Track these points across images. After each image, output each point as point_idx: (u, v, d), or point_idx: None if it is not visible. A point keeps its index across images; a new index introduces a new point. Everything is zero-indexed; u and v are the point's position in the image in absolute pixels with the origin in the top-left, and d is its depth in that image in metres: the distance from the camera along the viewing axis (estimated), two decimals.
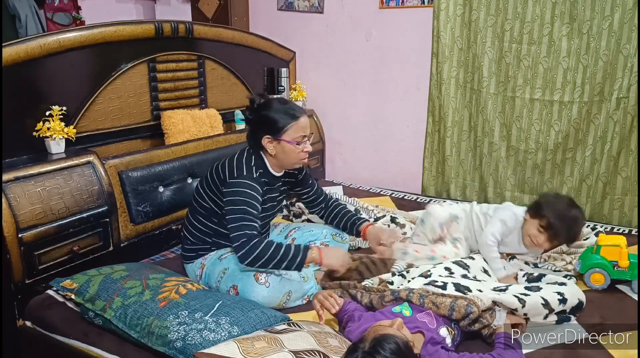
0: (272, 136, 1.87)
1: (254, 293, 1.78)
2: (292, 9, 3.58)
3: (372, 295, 1.73)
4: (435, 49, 3.05)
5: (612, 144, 2.70)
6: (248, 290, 1.79)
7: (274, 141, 1.88)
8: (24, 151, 2.06)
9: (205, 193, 1.96)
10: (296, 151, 1.89)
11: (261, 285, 1.79)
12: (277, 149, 1.89)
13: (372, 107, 3.44)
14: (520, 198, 2.98)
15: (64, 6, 3.44)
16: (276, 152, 1.90)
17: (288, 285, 1.84)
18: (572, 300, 1.70)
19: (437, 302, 1.60)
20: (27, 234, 1.85)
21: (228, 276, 1.87)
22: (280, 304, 1.81)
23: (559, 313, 1.68)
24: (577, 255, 2.12)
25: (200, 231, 2.00)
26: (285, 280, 1.84)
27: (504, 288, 1.75)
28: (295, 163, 1.95)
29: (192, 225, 2.02)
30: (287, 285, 1.84)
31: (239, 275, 1.84)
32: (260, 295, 1.77)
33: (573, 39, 2.69)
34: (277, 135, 1.87)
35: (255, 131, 1.92)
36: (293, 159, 1.92)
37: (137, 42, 2.44)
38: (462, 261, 1.93)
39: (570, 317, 1.71)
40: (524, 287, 1.76)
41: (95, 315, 1.71)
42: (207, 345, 1.47)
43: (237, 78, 3.07)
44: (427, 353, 1.44)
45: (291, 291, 1.84)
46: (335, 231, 2.23)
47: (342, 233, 2.24)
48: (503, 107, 2.93)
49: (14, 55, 1.97)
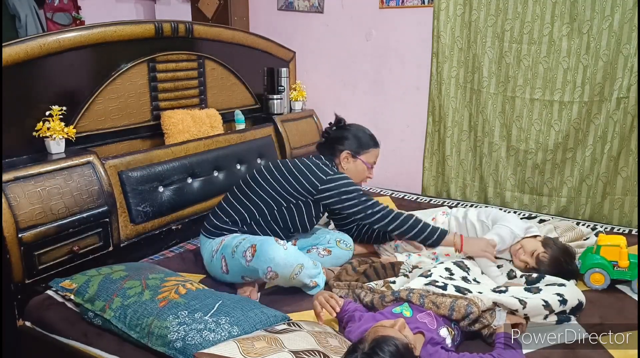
0: (352, 152, 2.12)
1: (272, 250, 1.82)
2: (292, 9, 3.58)
3: (374, 295, 1.73)
4: (435, 49, 3.05)
5: (612, 144, 2.70)
6: (266, 248, 1.83)
7: (352, 158, 2.13)
8: (24, 151, 2.06)
9: (277, 185, 2.02)
10: (365, 173, 2.16)
11: (280, 245, 1.84)
12: (350, 165, 2.13)
13: (372, 107, 3.44)
14: (520, 198, 2.98)
15: (64, 6, 3.44)
16: (348, 167, 2.13)
17: (302, 259, 1.88)
18: (572, 300, 1.70)
19: (437, 302, 1.60)
20: (27, 234, 1.85)
21: (247, 240, 1.91)
22: (291, 275, 1.84)
23: (559, 313, 1.68)
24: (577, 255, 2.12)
25: (240, 215, 2.03)
26: (300, 253, 1.90)
27: (504, 290, 1.75)
28: (359, 182, 2.17)
29: (236, 209, 2.05)
30: (301, 258, 1.88)
31: (259, 238, 1.89)
32: (277, 253, 1.81)
33: (573, 39, 2.69)
34: (358, 153, 2.12)
35: (336, 144, 2.14)
36: (359, 178, 2.16)
37: (137, 42, 2.43)
38: (462, 263, 1.93)
39: (570, 317, 1.71)
40: (524, 288, 1.76)
41: (95, 316, 1.71)
42: (207, 345, 1.47)
43: (237, 78, 3.07)
44: (427, 354, 1.43)
45: (304, 266, 1.87)
46: (340, 237, 2.23)
47: (347, 239, 2.24)
48: (503, 107, 2.93)
49: (14, 55, 1.97)
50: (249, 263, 1.84)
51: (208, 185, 2.59)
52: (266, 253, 1.81)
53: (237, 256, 1.89)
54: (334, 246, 2.18)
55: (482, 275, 1.93)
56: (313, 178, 2.01)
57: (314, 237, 2.20)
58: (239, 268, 1.89)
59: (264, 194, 2.02)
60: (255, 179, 2.06)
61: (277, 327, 1.52)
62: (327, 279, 1.98)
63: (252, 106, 3.22)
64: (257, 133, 3.02)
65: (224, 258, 1.95)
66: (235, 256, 1.89)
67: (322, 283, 1.95)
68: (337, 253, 2.17)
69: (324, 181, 2.00)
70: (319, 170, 2.03)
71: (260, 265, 1.82)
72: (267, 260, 1.80)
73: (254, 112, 3.24)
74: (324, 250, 2.15)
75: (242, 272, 1.91)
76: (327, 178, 2.00)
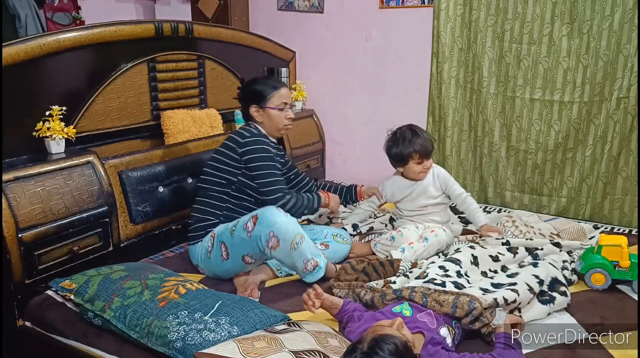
0: (258, 105, 2.15)
1: (274, 215, 1.91)
2: (292, 9, 3.58)
3: (374, 294, 1.73)
4: (435, 49, 3.05)
5: (612, 144, 2.70)
6: (268, 213, 1.92)
7: (260, 109, 2.16)
8: (24, 151, 2.06)
9: (217, 167, 2.11)
10: (280, 116, 2.16)
11: (281, 211, 1.95)
12: (263, 116, 2.16)
13: (372, 107, 3.44)
14: (520, 198, 2.98)
15: (63, 6, 3.43)
16: (263, 119, 2.16)
17: (302, 230, 1.95)
18: (547, 278, 1.83)
19: (440, 300, 1.60)
20: (27, 234, 1.85)
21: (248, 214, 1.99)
22: (293, 242, 1.88)
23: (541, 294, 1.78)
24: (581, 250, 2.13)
25: (212, 206, 2.11)
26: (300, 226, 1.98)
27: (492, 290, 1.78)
28: (280, 128, 2.19)
29: (204, 203, 2.13)
30: (302, 230, 1.94)
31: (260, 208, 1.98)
32: (279, 217, 1.91)
33: (573, 39, 2.69)
34: (262, 103, 2.15)
35: (245, 105, 2.19)
36: (278, 124, 2.17)
37: (137, 42, 2.43)
38: (453, 258, 1.96)
39: (554, 297, 1.77)
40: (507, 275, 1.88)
41: (95, 316, 1.71)
42: (207, 345, 1.47)
43: (237, 78, 3.06)
44: (428, 354, 1.43)
45: (304, 236, 1.92)
46: (336, 231, 2.26)
47: (344, 233, 2.27)
48: (503, 107, 2.93)
49: (14, 55, 1.97)
50: (250, 233, 1.90)
51: None
52: (268, 217, 1.90)
53: (238, 232, 1.95)
54: (332, 241, 2.20)
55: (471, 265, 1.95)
56: (235, 143, 2.08)
57: (311, 232, 2.21)
58: (240, 245, 1.94)
59: (215, 179, 2.10)
60: (204, 173, 2.16)
61: (277, 327, 1.52)
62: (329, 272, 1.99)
63: None
64: None
65: (223, 243, 1.99)
66: (236, 233, 1.96)
67: (324, 265, 1.97)
68: (334, 247, 2.19)
69: (242, 145, 2.07)
70: (238, 135, 2.10)
71: (263, 230, 1.88)
72: (270, 224, 1.87)
73: None
74: (321, 244, 2.17)
75: (243, 250, 1.94)
76: (244, 141, 2.07)
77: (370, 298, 1.73)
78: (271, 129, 2.18)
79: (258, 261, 2.01)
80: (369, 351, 1.24)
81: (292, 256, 1.91)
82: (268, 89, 2.16)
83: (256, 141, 2.07)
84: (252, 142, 2.07)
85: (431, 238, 2.16)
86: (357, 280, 1.92)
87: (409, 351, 1.29)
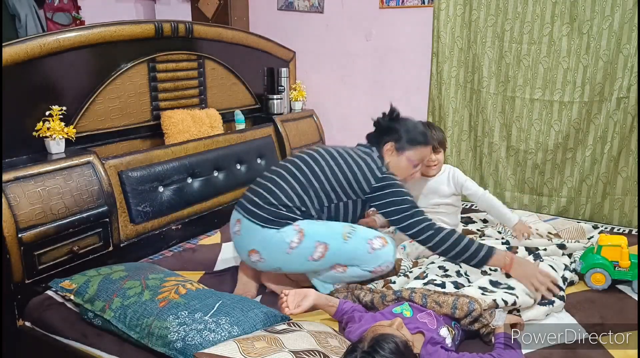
0: (397, 146, 1.96)
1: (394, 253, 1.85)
2: (292, 9, 3.58)
3: (374, 295, 1.73)
4: (435, 49, 3.05)
5: (612, 144, 2.70)
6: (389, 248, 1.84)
7: (395, 152, 1.96)
8: (24, 151, 2.06)
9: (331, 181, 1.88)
10: (408, 170, 1.99)
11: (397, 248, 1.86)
12: (393, 159, 1.96)
13: (372, 107, 3.41)
14: (520, 198, 2.98)
15: (63, 6, 3.44)
16: (391, 161, 1.96)
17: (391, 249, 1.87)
18: None
19: (440, 301, 1.61)
20: (27, 234, 1.85)
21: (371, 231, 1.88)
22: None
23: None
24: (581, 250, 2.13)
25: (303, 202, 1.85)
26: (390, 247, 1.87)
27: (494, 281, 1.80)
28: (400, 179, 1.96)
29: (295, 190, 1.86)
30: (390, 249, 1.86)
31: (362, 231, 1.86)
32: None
33: (573, 39, 2.69)
34: (403, 148, 1.96)
35: (383, 135, 1.98)
36: (401, 175, 1.96)
37: (137, 42, 2.43)
38: None
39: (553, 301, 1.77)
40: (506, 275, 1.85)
41: (95, 316, 1.71)
42: (207, 345, 1.47)
43: (237, 78, 3.07)
44: (427, 353, 1.43)
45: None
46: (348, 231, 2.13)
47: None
48: (503, 107, 2.93)
49: (14, 55, 1.97)
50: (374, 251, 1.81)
51: (208, 185, 2.59)
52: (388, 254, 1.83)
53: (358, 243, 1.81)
54: None
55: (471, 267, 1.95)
56: (368, 175, 1.87)
57: None
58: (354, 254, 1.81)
59: (325, 185, 1.87)
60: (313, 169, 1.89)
61: (277, 327, 1.52)
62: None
63: (252, 106, 3.22)
64: (257, 133, 3.02)
65: (325, 245, 1.80)
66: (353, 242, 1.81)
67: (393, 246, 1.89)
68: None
69: (378, 179, 1.87)
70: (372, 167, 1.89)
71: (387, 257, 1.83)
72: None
73: (254, 112, 3.24)
74: None
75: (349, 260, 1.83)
76: (382, 175, 1.87)
77: (369, 299, 1.73)
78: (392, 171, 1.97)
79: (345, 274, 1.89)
80: (369, 350, 1.24)
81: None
82: (420, 140, 1.98)
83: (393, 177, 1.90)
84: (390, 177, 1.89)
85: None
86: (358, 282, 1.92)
87: (409, 350, 1.29)
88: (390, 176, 1.89)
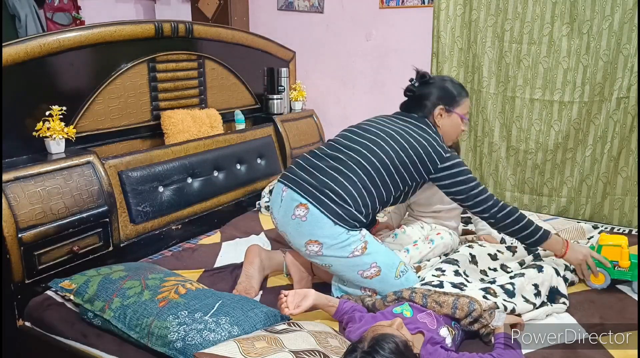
0: (446, 107, 1.92)
1: None
2: (292, 9, 3.58)
3: (375, 298, 1.74)
4: (435, 49, 3.05)
5: (612, 144, 2.70)
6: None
7: (446, 113, 1.92)
8: (24, 151, 2.06)
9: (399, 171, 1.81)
10: (460, 126, 1.96)
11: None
12: (445, 121, 1.93)
13: (372, 107, 3.43)
14: (520, 198, 2.98)
15: (63, 6, 3.44)
16: (443, 124, 1.93)
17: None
18: (546, 289, 1.80)
19: (440, 301, 1.60)
20: (27, 234, 1.85)
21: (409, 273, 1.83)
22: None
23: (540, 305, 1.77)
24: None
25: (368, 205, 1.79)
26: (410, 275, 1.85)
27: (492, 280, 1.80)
28: (453, 139, 2.00)
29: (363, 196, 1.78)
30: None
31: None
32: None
33: (573, 39, 2.69)
34: (451, 107, 1.93)
35: (424, 101, 1.94)
36: (454, 134, 1.97)
37: (137, 42, 2.43)
38: (450, 258, 1.95)
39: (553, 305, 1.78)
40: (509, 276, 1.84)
41: (95, 316, 1.71)
42: (207, 345, 1.46)
43: (237, 78, 3.07)
44: (427, 353, 1.43)
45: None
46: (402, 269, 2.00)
47: None
48: (503, 107, 2.93)
49: (14, 55, 1.97)
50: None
51: (208, 185, 2.59)
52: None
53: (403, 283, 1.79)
54: None
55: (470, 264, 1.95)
56: (434, 156, 1.82)
57: None
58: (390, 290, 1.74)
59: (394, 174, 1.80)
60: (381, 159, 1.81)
61: (278, 327, 1.51)
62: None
63: (252, 106, 3.22)
64: (257, 133, 3.02)
65: (379, 270, 1.78)
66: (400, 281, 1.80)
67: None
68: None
69: (444, 159, 1.83)
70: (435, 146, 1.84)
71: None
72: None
73: (254, 112, 3.24)
74: None
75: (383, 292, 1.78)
76: (446, 155, 1.83)
77: (371, 303, 1.73)
78: (447, 137, 1.95)
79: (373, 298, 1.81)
80: (369, 350, 1.24)
81: None
82: (462, 92, 1.95)
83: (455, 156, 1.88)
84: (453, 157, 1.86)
85: (437, 240, 2.13)
86: None
87: (409, 350, 1.29)
88: (453, 155, 1.88)
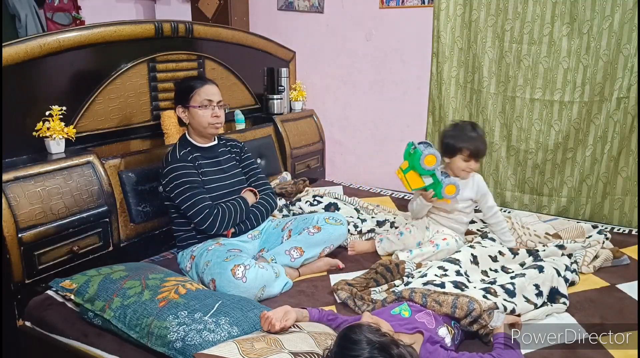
0: (182, 106, 2.14)
1: (231, 288, 1.84)
2: (292, 9, 3.58)
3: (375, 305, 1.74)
4: (435, 49, 3.05)
5: (612, 144, 2.70)
6: (225, 285, 1.85)
7: (186, 110, 2.14)
8: (24, 151, 2.06)
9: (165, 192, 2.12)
10: (204, 115, 2.12)
11: (238, 280, 1.84)
12: (189, 117, 2.14)
13: (372, 107, 3.44)
14: (520, 198, 2.98)
15: (63, 6, 3.44)
16: (189, 120, 2.15)
17: (263, 281, 1.89)
18: (547, 289, 1.81)
19: (440, 300, 1.61)
20: (27, 234, 1.85)
21: (209, 269, 1.93)
22: (256, 297, 1.86)
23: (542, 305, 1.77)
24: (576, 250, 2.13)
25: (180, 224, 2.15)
26: (260, 275, 1.88)
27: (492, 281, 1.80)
28: (206, 127, 2.14)
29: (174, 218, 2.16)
30: (261, 281, 1.88)
31: (217, 270, 1.90)
32: (237, 289, 1.84)
33: (573, 39, 2.69)
34: (186, 103, 2.13)
35: (175, 109, 2.19)
36: (203, 123, 2.13)
37: (137, 42, 2.43)
38: (452, 258, 1.96)
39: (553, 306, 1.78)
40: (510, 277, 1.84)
41: (95, 316, 1.71)
42: (206, 345, 1.47)
43: (237, 78, 3.07)
44: (427, 352, 1.43)
45: (265, 286, 1.89)
46: (328, 215, 2.24)
47: (336, 216, 2.25)
48: (503, 107, 2.93)
49: (14, 55, 1.97)
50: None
51: None
52: (226, 289, 1.84)
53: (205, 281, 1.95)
54: (324, 224, 2.17)
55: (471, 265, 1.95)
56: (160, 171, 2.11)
57: (304, 221, 2.20)
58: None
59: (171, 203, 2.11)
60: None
61: None
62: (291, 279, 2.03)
63: (252, 106, 3.22)
64: (257, 133, 3.02)
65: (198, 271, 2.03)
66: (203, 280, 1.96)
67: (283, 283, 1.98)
68: (328, 229, 2.15)
69: (162, 176, 2.09)
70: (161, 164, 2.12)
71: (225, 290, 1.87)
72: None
73: (254, 112, 3.24)
74: (314, 228, 2.15)
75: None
76: (163, 172, 2.08)
77: (371, 309, 1.73)
78: (199, 131, 2.15)
79: None
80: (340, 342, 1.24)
81: None
82: (189, 87, 2.14)
83: (172, 169, 2.05)
84: (169, 171, 2.05)
85: (442, 245, 2.13)
86: (367, 286, 1.92)
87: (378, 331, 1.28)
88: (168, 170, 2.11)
